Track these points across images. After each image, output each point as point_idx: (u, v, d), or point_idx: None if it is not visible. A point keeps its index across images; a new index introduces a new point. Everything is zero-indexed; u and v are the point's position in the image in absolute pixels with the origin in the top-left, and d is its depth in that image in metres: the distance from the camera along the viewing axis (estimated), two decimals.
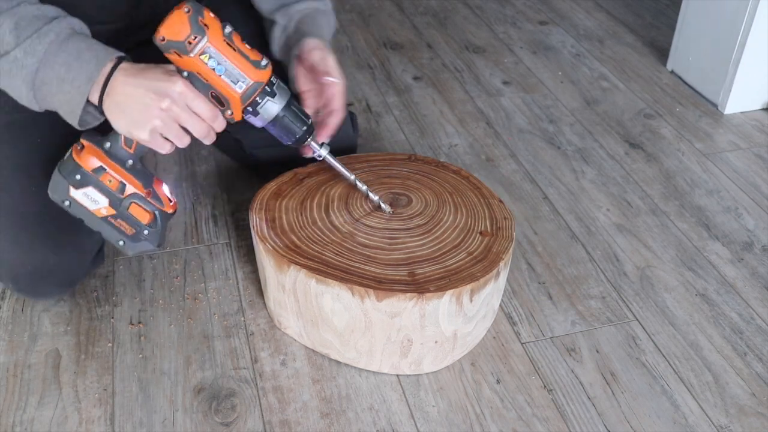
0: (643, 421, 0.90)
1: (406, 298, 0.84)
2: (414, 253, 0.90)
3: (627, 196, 1.28)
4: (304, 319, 0.93)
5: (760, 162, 1.38)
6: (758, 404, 0.92)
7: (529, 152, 1.39)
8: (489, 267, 0.89)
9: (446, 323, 0.88)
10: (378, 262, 0.88)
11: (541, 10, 1.96)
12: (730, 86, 1.50)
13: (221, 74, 0.81)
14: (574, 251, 1.16)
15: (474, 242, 0.93)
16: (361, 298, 0.85)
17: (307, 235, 0.92)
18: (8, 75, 0.80)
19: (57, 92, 0.81)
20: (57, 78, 0.80)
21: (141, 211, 0.89)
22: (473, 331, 0.94)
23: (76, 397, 0.91)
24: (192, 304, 1.04)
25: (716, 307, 1.06)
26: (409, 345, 0.89)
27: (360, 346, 0.91)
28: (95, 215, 0.87)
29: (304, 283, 0.88)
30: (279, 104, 0.86)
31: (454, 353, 0.94)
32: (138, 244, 0.90)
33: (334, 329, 0.90)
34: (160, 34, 0.78)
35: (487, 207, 0.99)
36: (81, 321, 1.01)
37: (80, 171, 0.85)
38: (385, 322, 0.87)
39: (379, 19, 1.90)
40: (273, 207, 0.97)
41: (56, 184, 0.86)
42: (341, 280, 0.85)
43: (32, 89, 0.81)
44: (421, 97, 1.57)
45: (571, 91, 1.60)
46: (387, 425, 0.89)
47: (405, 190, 1.01)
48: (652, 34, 1.84)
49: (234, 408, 0.90)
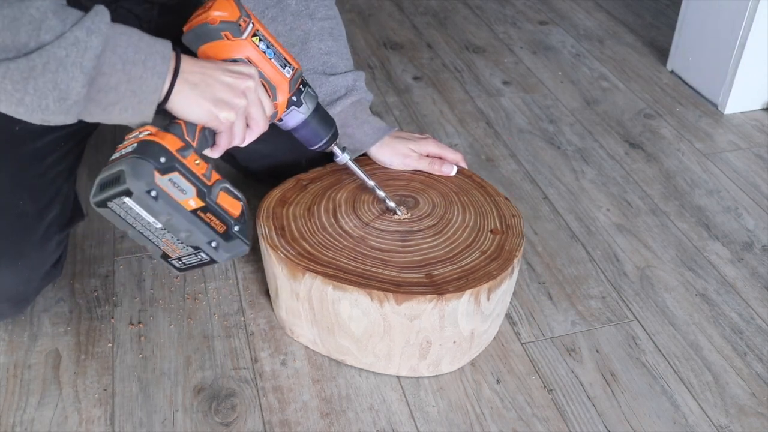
0: (643, 421, 0.90)
1: (425, 300, 0.84)
2: (428, 254, 0.90)
3: (627, 196, 1.28)
4: (319, 327, 0.92)
5: (760, 162, 1.38)
6: (758, 404, 0.92)
7: (529, 152, 1.39)
8: (504, 265, 0.89)
9: (464, 323, 0.89)
10: (394, 266, 0.88)
11: (541, 10, 1.96)
12: (730, 86, 1.50)
13: (271, 57, 0.78)
14: (574, 251, 1.16)
15: (486, 241, 0.93)
16: (380, 302, 0.84)
17: (318, 241, 0.91)
18: (60, 65, 0.65)
19: (122, 80, 0.68)
20: (123, 61, 0.68)
21: (230, 200, 0.74)
22: (489, 330, 0.95)
23: (76, 397, 0.91)
24: (192, 304, 1.04)
25: (716, 307, 1.06)
26: (428, 347, 0.89)
27: (378, 351, 0.90)
28: (184, 208, 0.70)
29: (320, 290, 0.87)
30: (312, 102, 0.86)
31: (471, 352, 0.95)
32: (231, 245, 0.74)
33: (351, 335, 0.90)
34: (210, 17, 0.74)
35: (494, 205, 1.00)
36: (81, 321, 1.01)
37: (165, 152, 0.69)
38: (405, 325, 0.86)
39: (379, 19, 1.90)
40: (280, 215, 0.96)
41: (139, 170, 0.68)
42: (359, 285, 0.85)
43: (89, 81, 0.67)
44: (421, 97, 1.57)
45: (571, 91, 1.60)
46: (387, 425, 0.89)
47: (411, 191, 1.01)
48: (652, 34, 1.84)
49: (234, 408, 0.90)
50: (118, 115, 0.71)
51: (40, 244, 0.90)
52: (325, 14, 1.03)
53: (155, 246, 0.75)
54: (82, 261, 1.11)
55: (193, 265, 0.77)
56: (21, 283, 0.91)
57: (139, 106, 0.70)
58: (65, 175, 1.00)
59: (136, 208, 0.69)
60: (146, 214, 0.70)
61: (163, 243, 0.74)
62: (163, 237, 0.73)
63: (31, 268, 0.91)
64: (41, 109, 0.67)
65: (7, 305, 0.93)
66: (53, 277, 0.99)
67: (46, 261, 0.94)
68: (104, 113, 0.71)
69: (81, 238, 1.16)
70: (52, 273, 0.97)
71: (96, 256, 1.12)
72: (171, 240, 0.73)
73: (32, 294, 0.96)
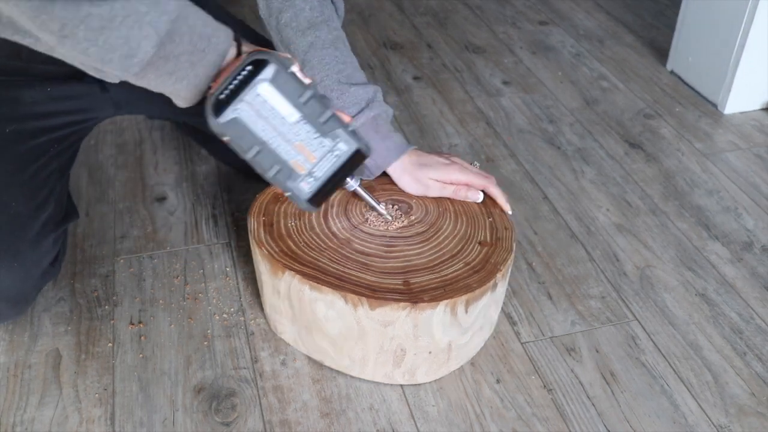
0: (642, 420, 0.90)
1: (399, 307, 0.83)
2: (411, 261, 0.89)
3: (627, 196, 1.29)
4: (298, 325, 0.92)
5: (759, 162, 1.38)
6: (758, 404, 0.92)
7: (529, 152, 1.40)
8: (486, 278, 0.87)
9: (440, 334, 0.87)
10: (373, 270, 0.87)
11: (541, 11, 1.96)
12: (729, 86, 1.50)
13: None
14: (574, 251, 1.16)
15: (472, 252, 0.91)
16: (354, 306, 0.84)
17: (304, 240, 0.92)
18: (137, 22, 0.65)
19: (186, 50, 0.69)
20: (191, 32, 0.69)
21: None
22: (469, 343, 0.93)
23: (76, 396, 0.91)
24: (192, 304, 1.04)
25: (716, 306, 1.06)
26: (403, 354, 0.88)
27: (354, 354, 0.90)
28: None
29: (298, 289, 0.87)
30: None
31: (450, 364, 0.93)
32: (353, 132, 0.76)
33: (327, 336, 0.90)
34: None
35: (489, 216, 0.97)
36: (81, 321, 1.01)
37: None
38: (378, 330, 0.86)
39: (379, 19, 1.90)
40: (272, 211, 0.96)
41: (275, 55, 0.71)
42: (335, 287, 0.84)
43: (159, 43, 0.67)
44: (421, 97, 1.57)
45: (571, 91, 1.60)
46: (387, 425, 0.89)
47: (406, 196, 1.00)
48: (652, 35, 1.84)
49: (234, 408, 0.90)
50: (171, 85, 0.72)
51: (35, 243, 0.90)
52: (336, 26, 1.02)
53: (286, 167, 0.75)
54: (82, 261, 1.11)
55: (329, 178, 0.77)
56: (18, 282, 0.91)
57: (195, 79, 0.71)
58: (58, 175, 1.01)
59: (272, 99, 0.70)
60: (285, 103, 0.70)
61: (295, 150, 0.74)
62: (297, 140, 0.73)
63: (27, 267, 0.91)
64: (103, 62, 0.66)
65: (6, 305, 0.93)
66: (51, 276, 0.99)
67: (42, 260, 0.94)
68: (157, 80, 0.71)
69: (81, 238, 1.16)
70: (50, 272, 0.98)
71: (96, 256, 1.12)
72: (307, 136, 0.73)
73: (31, 293, 0.96)
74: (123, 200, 1.24)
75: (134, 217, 1.20)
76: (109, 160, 1.34)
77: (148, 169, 1.31)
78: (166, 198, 1.25)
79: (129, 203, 1.24)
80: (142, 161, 1.33)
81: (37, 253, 0.92)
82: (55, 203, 0.98)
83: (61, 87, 0.99)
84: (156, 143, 1.38)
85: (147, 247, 1.14)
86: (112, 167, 1.32)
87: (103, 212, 1.21)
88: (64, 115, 1.01)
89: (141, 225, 1.19)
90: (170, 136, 1.40)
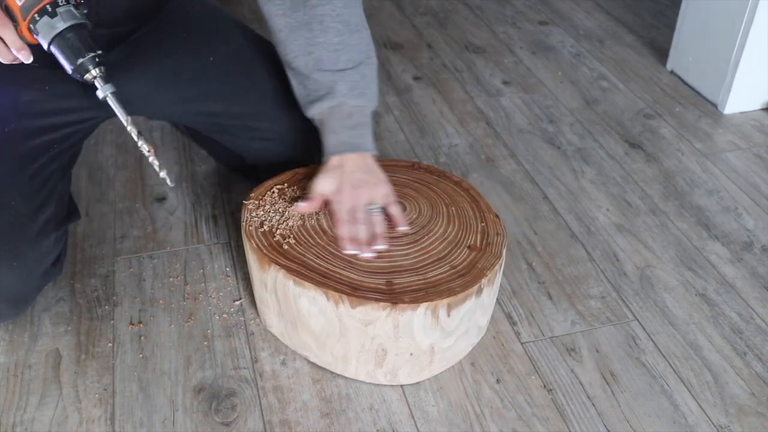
0: (642, 420, 0.90)
1: (379, 307, 0.83)
2: (396, 262, 0.89)
3: (627, 196, 1.29)
4: (285, 320, 0.93)
5: (759, 162, 1.38)
6: (758, 404, 0.92)
7: (529, 152, 1.40)
8: (471, 282, 0.87)
9: (422, 336, 0.87)
10: (358, 269, 0.87)
11: (541, 11, 1.96)
12: (729, 86, 1.50)
13: None
14: (574, 251, 1.16)
15: (460, 256, 0.90)
16: (336, 303, 0.84)
17: (293, 235, 0.92)
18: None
19: None
20: None
21: None
22: (453, 347, 0.92)
23: (76, 396, 0.91)
24: (192, 304, 1.04)
25: (716, 306, 1.06)
26: (384, 354, 0.88)
27: (335, 352, 0.90)
28: None
29: (283, 284, 0.88)
30: (58, 26, 0.85)
31: (432, 367, 0.92)
32: None
33: (311, 332, 0.90)
34: None
35: (482, 221, 0.97)
36: (81, 321, 1.01)
37: None
38: (359, 329, 0.86)
39: (379, 19, 1.90)
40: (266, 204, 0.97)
41: None
42: (318, 283, 0.84)
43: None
44: (421, 97, 1.57)
45: (571, 91, 1.60)
46: (387, 425, 0.89)
47: (401, 197, 0.99)
48: (652, 35, 1.84)
49: (234, 408, 0.90)
50: None
51: (35, 243, 0.90)
52: None
53: None
54: (82, 261, 1.11)
55: None
56: (18, 282, 0.91)
57: None
58: (59, 174, 1.01)
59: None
60: None
61: None
62: None
63: (28, 266, 0.91)
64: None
65: (6, 305, 0.93)
66: (53, 276, 0.99)
67: (43, 259, 0.94)
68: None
69: (81, 237, 1.16)
70: (52, 271, 0.98)
71: (96, 256, 1.12)
72: None
73: (31, 293, 0.96)
74: (123, 200, 1.24)
75: (134, 217, 1.21)
76: (109, 160, 1.34)
77: (148, 169, 1.31)
78: (166, 198, 1.25)
79: (129, 203, 1.24)
80: (142, 161, 1.33)
81: (38, 252, 0.92)
82: (56, 203, 0.98)
83: (61, 86, 0.99)
84: (156, 143, 1.38)
85: (147, 247, 1.14)
86: (112, 167, 1.32)
87: (103, 212, 1.21)
88: (64, 115, 1.01)
89: (141, 225, 1.19)
90: (170, 136, 1.40)
